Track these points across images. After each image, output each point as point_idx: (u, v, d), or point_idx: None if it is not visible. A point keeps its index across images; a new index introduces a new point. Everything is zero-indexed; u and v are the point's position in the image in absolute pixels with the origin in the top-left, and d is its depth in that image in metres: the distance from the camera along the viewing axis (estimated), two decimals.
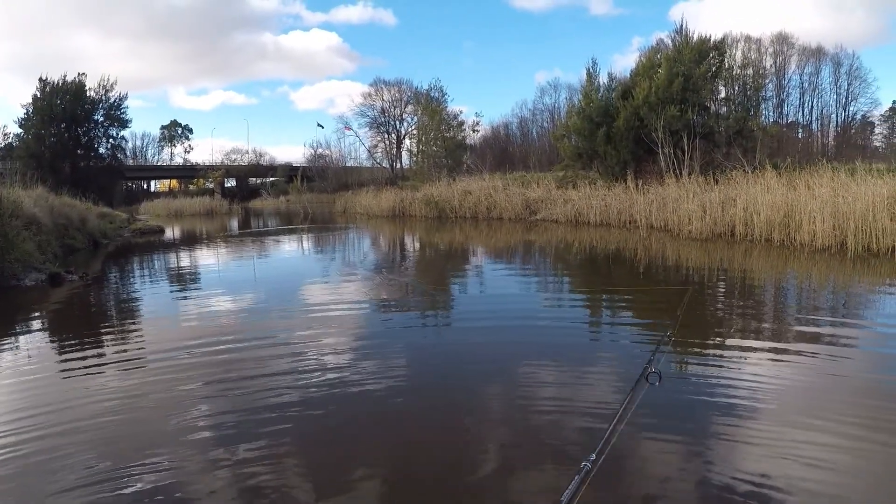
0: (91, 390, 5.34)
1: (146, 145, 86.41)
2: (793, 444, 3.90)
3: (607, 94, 27.50)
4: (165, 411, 4.75)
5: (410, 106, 60.00)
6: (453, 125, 40.24)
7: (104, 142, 48.80)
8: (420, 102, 45.12)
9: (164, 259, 17.32)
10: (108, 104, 47.18)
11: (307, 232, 25.97)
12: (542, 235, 19.68)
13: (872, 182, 14.23)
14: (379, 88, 63.94)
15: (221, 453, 3.95)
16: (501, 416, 4.71)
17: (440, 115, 39.75)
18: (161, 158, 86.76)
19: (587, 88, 28.17)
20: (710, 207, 17.08)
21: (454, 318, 8.59)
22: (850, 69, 53.25)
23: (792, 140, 46.48)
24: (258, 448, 4.02)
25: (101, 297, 10.94)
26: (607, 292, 10.26)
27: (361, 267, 14.53)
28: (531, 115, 67.84)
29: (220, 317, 8.50)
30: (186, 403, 4.92)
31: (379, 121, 64.58)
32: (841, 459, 3.71)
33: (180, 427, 4.43)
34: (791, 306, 8.93)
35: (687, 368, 5.74)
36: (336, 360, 6.12)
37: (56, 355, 6.81)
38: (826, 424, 4.23)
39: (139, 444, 4.13)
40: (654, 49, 27.76)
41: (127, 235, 25.09)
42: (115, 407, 4.87)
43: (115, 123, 48.40)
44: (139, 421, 4.63)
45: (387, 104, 64.16)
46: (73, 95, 44.24)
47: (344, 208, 40.51)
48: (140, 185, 76.58)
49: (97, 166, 47.04)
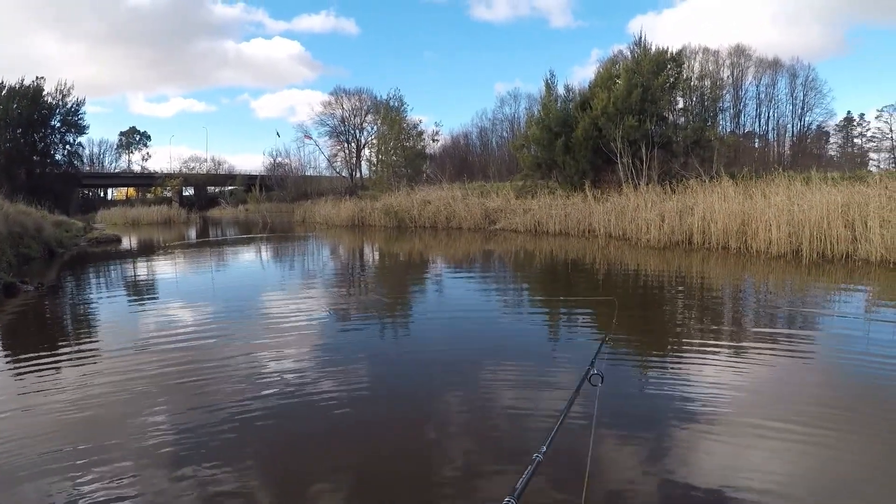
0: (47, 401, 5.19)
1: (103, 152, 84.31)
2: (737, 442, 4.08)
3: (566, 105, 27.61)
4: (123, 422, 4.68)
5: (371, 115, 59.72)
6: (413, 134, 40.08)
7: (61, 148, 48.03)
8: (380, 112, 44.91)
9: (121, 269, 16.71)
10: (66, 109, 46.35)
11: (266, 241, 25.46)
12: (500, 245, 19.45)
13: (827, 190, 14.35)
14: (339, 97, 63.48)
15: (180, 463, 3.90)
16: (458, 420, 4.75)
17: (399, 124, 39.57)
18: (118, 166, 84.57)
19: (546, 99, 28.31)
20: (667, 216, 17.05)
21: (412, 326, 8.46)
22: (806, 80, 54.82)
23: (748, 150, 47.39)
24: (217, 458, 3.97)
25: (58, 307, 10.54)
26: (565, 300, 10.09)
27: (320, 277, 14.19)
28: (491, 124, 68.10)
29: (177, 327, 8.23)
30: (144, 414, 4.83)
31: (339, 130, 64.04)
32: (791, 459, 3.83)
33: (138, 437, 4.35)
34: (746, 311, 8.87)
35: (639, 370, 5.89)
36: (295, 369, 6.07)
37: (10, 367, 6.52)
38: (777, 424, 4.29)
39: (97, 454, 4.05)
40: (612, 60, 27.91)
41: (83, 244, 24.19)
42: (71, 418, 4.75)
43: (72, 129, 47.57)
44: (96, 431, 4.51)
45: (347, 113, 63.65)
46: (30, 100, 43.20)
47: (303, 218, 39.92)
48: (97, 193, 74.84)
49: (53, 173, 46.20)
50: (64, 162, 48.02)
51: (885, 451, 3.94)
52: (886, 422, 4.39)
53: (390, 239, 24.01)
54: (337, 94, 63.71)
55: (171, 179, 66.50)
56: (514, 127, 59.41)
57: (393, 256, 18.70)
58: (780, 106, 55.63)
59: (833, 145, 63.29)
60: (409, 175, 37.59)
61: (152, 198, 66.70)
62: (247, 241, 26.89)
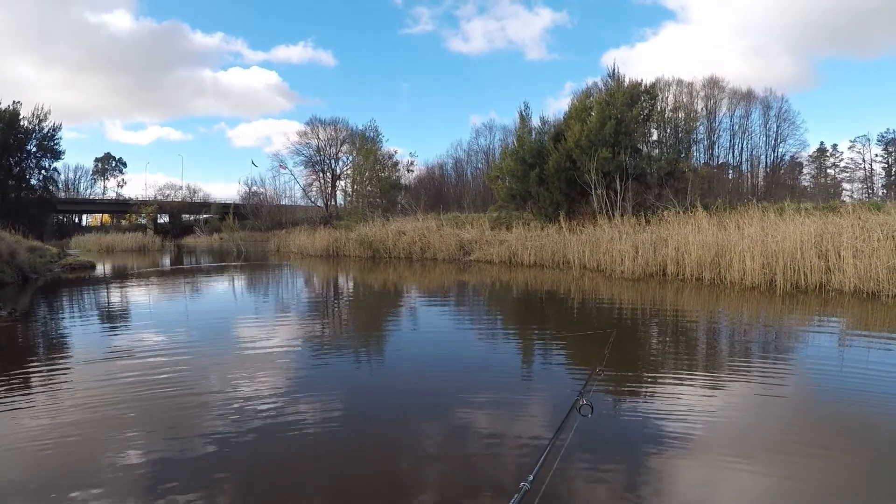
0: (19, 428, 5.10)
1: (79, 178, 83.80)
2: (717, 473, 4.11)
3: (540, 136, 27.73)
4: (96, 449, 4.61)
5: (346, 145, 59.71)
6: (388, 165, 40.01)
7: (36, 173, 47.81)
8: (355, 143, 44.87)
9: (95, 295, 16.27)
10: (42, 134, 46.01)
11: (240, 270, 25.07)
12: (475, 276, 19.22)
13: (801, 221, 14.40)
14: (315, 127, 63.36)
15: (154, 491, 3.85)
16: (438, 451, 4.66)
17: (375, 154, 39.50)
18: (94, 192, 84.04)
19: (520, 131, 28.47)
20: (642, 248, 16.98)
21: (387, 357, 8.35)
22: (780, 112, 55.73)
23: (722, 181, 47.97)
24: (190, 486, 3.92)
25: (31, 333, 10.30)
26: (540, 331, 9.97)
27: (294, 306, 13.85)
28: (466, 155, 68.57)
29: (151, 355, 8.07)
30: (118, 441, 4.77)
31: (314, 159, 63.79)
32: (770, 490, 3.84)
33: (111, 465, 4.30)
34: (722, 343, 8.77)
35: (618, 401, 5.83)
36: (269, 399, 5.94)
37: None
38: (755, 455, 4.32)
39: (68, 481, 4.02)
40: (586, 93, 28.08)
41: (57, 270, 23.64)
42: (45, 445, 4.68)
43: (48, 154, 47.23)
44: (70, 459, 4.45)
45: (322, 143, 63.46)
46: (6, 124, 42.74)
47: (277, 247, 39.42)
48: (71, 219, 74.42)
49: (28, 198, 45.93)
50: (39, 187, 47.72)
51: (855, 483, 3.96)
52: (858, 455, 4.39)
53: (365, 269, 23.68)
54: (312, 123, 63.69)
55: (146, 206, 65.81)
56: (489, 158, 59.87)
57: (368, 287, 18.36)
58: (753, 137, 56.36)
59: (806, 176, 64.67)
60: (383, 205, 37.40)
61: (127, 224, 65.96)
62: (221, 269, 26.46)
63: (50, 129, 46.40)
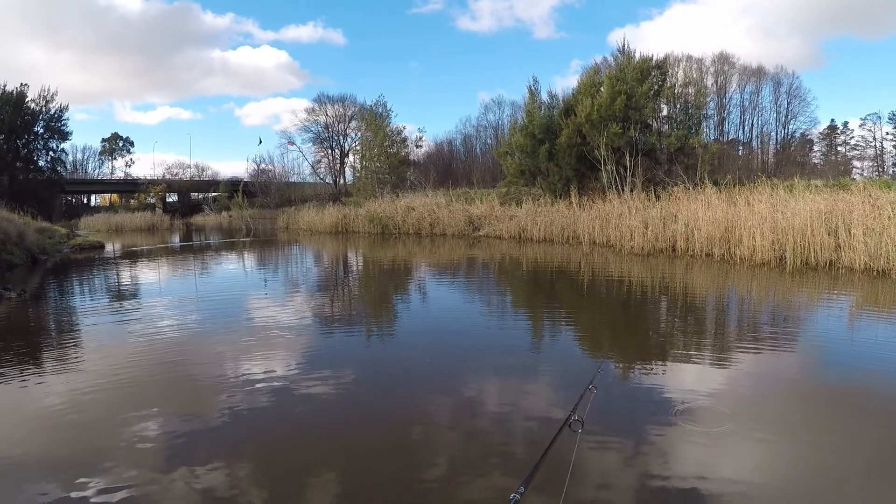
0: (32, 408, 5.14)
1: (87, 158, 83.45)
2: (726, 447, 4.08)
3: (549, 112, 27.55)
4: (110, 428, 4.62)
5: (354, 122, 59.58)
6: (397, 141, 39.90)
7: (44, 154, 47.64)
8: (364, 118, 44.67)
9: (104, 275, 16.39)
10: (49, 116, 45.93)
11: (250, 248, 25.19)
12: (485, 251, 19.31)
13: (811, 198, 14.36)
14: (323, 104, 63.26)
15: (170, 465, 3.90)
16: (448, 425, 4.71)
17: (384, 130, 39.38)
18: (102, 172, 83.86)
19: (530, 105, 28.22)
20: (651, 223, 17.00)
21: (397, 333, 8.48)
22: (790, 88, 55.21)
23: (732, 157, 47.60)
24: (206, 459, 3.99)
25: (41, 314, 10.36)
26: (550, 309, 10.01)
27: (304, 284, 14.00)
28: (475, 131, 68.23)
29: (161, 332, 8.14)
30: (131, 419, 4.76)
31: (322, 136, 63.87)
32: (782, 462, 3.87)
33: (126, 440, 4.33)
34: (731, 318, 8.84)
35: (626, 376, 5.90)
36: (282, 373, 6.02)
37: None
38: (766, 429, 4.36)
39: (84, 458, 4.03)
40: (595, 68, 27.84)
41: (66, 251, 23.69)
42: (58, 423, 4.71)
43: (55, 135, 47.14)
44: (84, 437, 4.47)
45: (331, 120, 63.47)
46: (12, 106, 42.73)
47: (286, 224, 39.45)
48: (80, 200, 74.23)
49: (36, 179, 45.85)
50: (47, 168, 47.58)
51: (862, 456, 3.95)
52: (866, 429, 4.40)
53: (374, 245, 23.78)
54: (320, 100, 63.51)
55: (154, 186, 65.77)
56: (499, 134, 59.52)
57: (377, 263, 18.46)
58: (763, 114, 56.03)
59: (817, 153, 64.08)
60: (392, 182, 37.37)
61: (136, 204, 65.81)
62: (230, 246, 26.59)
63: (57, 110, 46.32)
